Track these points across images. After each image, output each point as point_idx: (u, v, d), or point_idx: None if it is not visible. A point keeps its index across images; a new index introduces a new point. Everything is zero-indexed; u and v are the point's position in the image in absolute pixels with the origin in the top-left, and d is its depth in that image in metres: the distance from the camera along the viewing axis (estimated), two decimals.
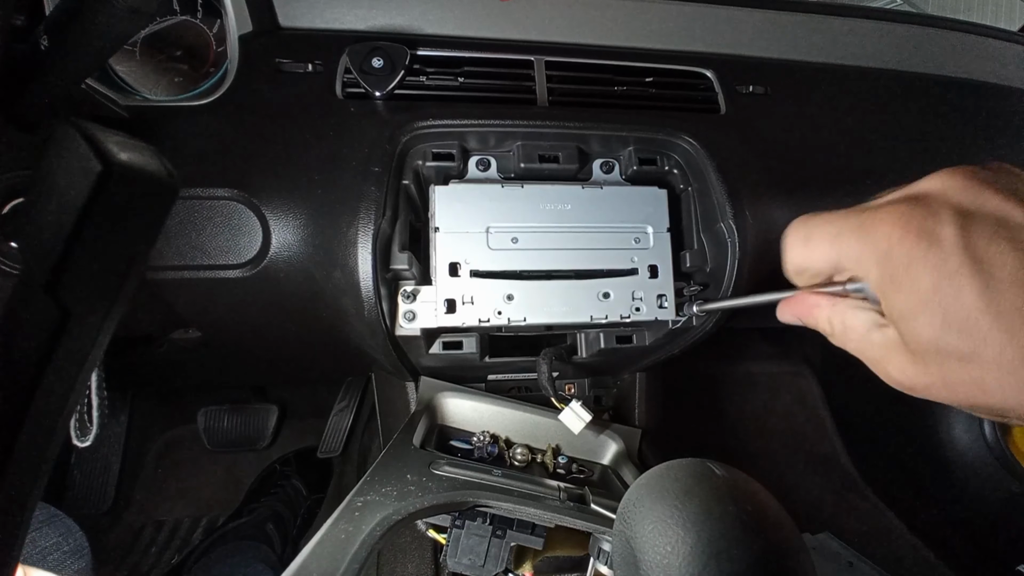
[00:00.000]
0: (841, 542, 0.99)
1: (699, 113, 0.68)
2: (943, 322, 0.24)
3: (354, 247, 0.53)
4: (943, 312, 0.23)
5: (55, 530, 0.57)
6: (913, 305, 0.24)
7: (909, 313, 0.25)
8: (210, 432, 1.14)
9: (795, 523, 0.35)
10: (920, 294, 0.24)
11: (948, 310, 0.23)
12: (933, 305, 0.24)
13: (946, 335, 0.24)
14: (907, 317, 0.25)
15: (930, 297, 0.24)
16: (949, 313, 0.23)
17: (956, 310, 0.23)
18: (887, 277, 0.25)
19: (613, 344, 0.62)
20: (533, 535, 0.50)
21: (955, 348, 0.23)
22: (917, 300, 0.24)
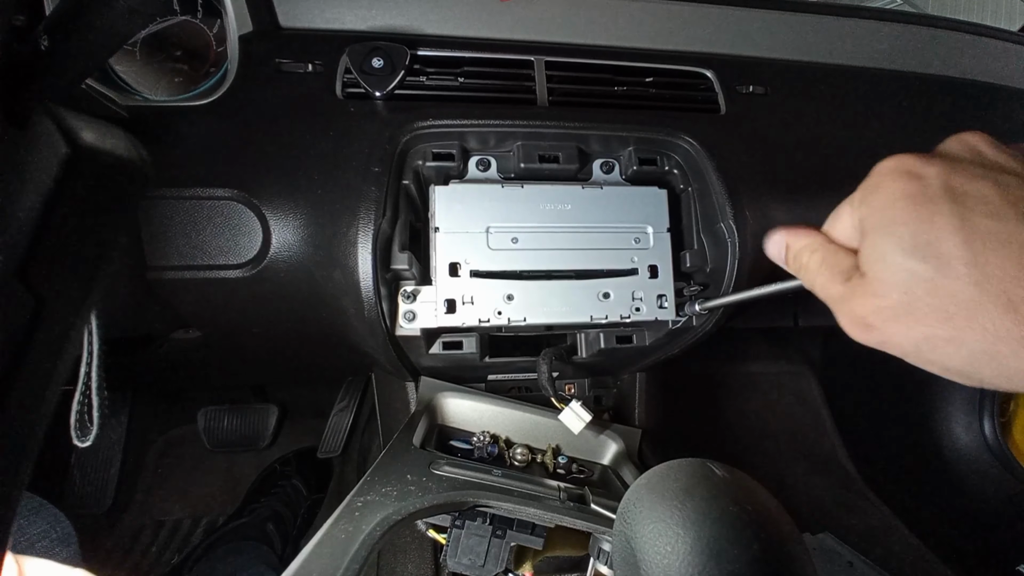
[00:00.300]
0: (841, 542, 0.99)
1: (699, 113, 0.68)
2: (912, 243, 0.24)
3: (354, 247, 0.53)
4: (913, 232, 0.24)
5: (42, 519, 0.57)
6: (886, 227, 0.25)
7: (880, 236, 0.25)
8: (210, 432, 1.14)
9: (795, 523, 0.35)
10: (894, 217, 0.25)
11: (918, 231, 0.24)
12: (904, 226, 0.24)
13: (912, 255, 0.24)
14: (878, 241, 0.26)
15: (903, 219, 0.25)
16: (919, 234, 0.24)
17: (926, 231, 0.24)
18: (871, 209, 0.26)
19: (613, 344, 0.62)
20: (533, 535, 0.50)
21: (920, 270, 0.24)
22: (890, 222, 0.25)
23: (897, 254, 0.24)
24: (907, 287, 0.24)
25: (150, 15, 0.27)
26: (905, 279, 0.24)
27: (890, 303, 0.25)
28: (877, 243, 0.26)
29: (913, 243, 0.24)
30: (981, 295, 0.22)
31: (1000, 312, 0.22)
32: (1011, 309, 0.22)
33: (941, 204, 0.24)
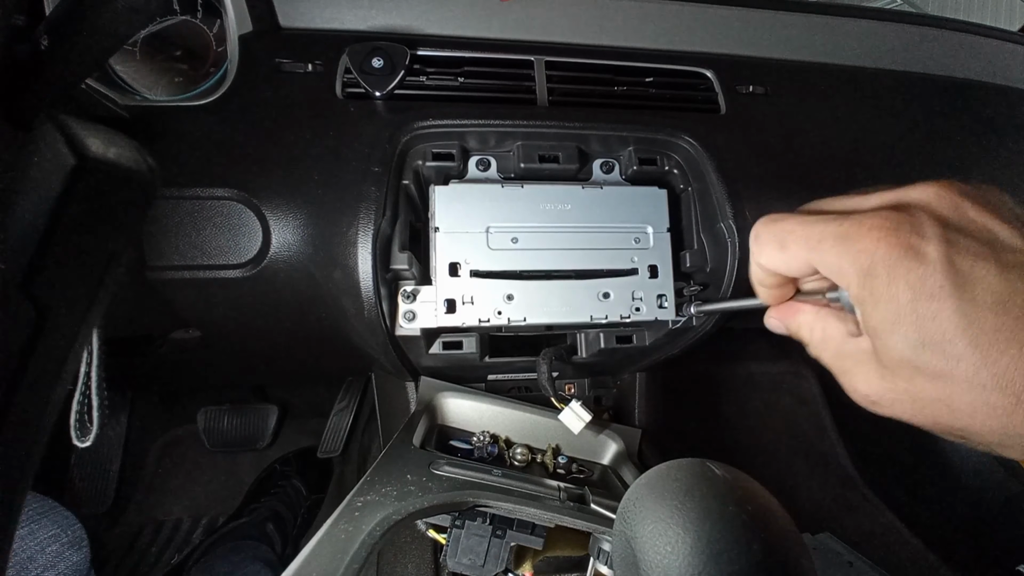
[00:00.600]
0: (841, 542, 0.99)
1: (699, 113, 0.68)
2: (919, 339, 0.23)
3: (354, 247, 0.53)
4: (920, 329, 0.23)
5: (53, 522, 0.57)
6: (890, 319, 0.24)
7: (885, 327, 0.24)
8: (210, 432, 1.14)
9: (795, 523, 0.35)
10: (898, 309, 0.24)
11: (925, 327, 0.23)
12: (910, 321, 0.23)
13: (921, 352, 0.23)
14: (883, 331, 0.25)
15: (908, 313, 0.23)
16: (926, 330, 0.23)
17: (933, 328, 0.23)
18: (867, 290, 0.25)
19: (613, 344, 0.62)
20: (533, 535, 0.50)
21: (928, 365, 0.23)
22: (895, 315, 0.24)
23: (904, 348, 0.24)
24: (913, 378, 0.24)
25: (150, 15, 0.27)
26: (911, 373, 0.24)
27: (895, 387, 0.25)
28: (881, 333, 0.25)
29: (920, 341, 0.23)
30: (988, 396, 0.22)
31: (1009, 408, 0.22)
32: (1018, 407, 0.22)
33: (946, 301, 0.23)
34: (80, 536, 0.58)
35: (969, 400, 0.23)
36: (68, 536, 0.57)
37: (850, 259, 0.25)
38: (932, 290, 0.23)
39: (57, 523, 0.57)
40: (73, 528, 0.58)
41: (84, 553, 0.58)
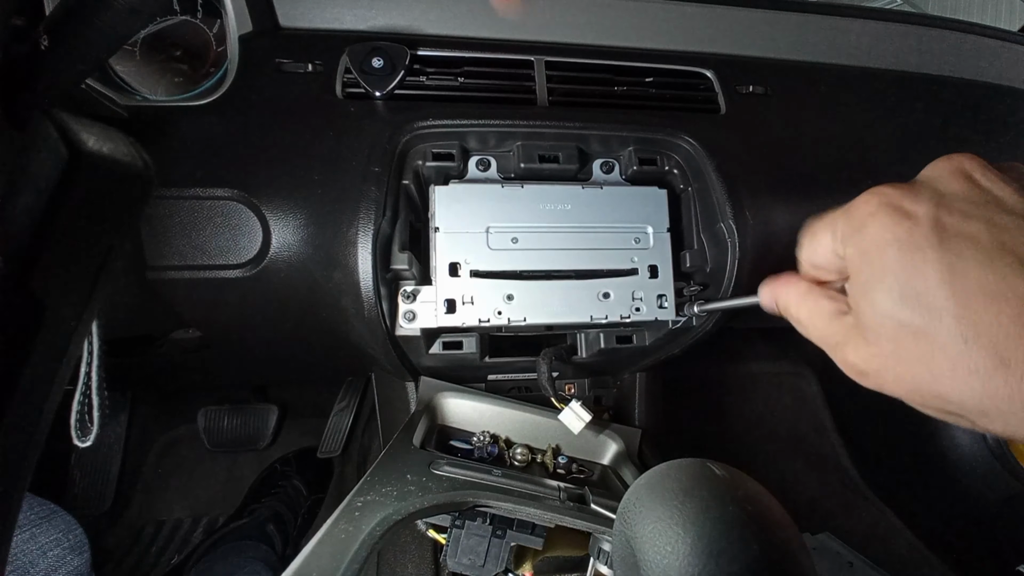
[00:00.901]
0: (841, 542, 0.99)
1: (699, 113, 0.68)
2: (900, 294, 0.23)
3: (354, 247, 0.53)
4: (902, 283, 0.23)
5: (55, 526, 0.57)
6: (875, 277, 0.24)
7: (870, 284, 0.25)
8: (210, 432, 1.14)
9: (795, 523, 0.35)
10: (884, 263, 0.24)
11: (907, 281, 0.23)
12: (894, 274, 0.23)
13: (903, 306, 0.23)
14: (867, 288, 0.25)
15: (893, 268, 0.23)
16: (908, 284, 0.23)
17: (915, 282, 0.23)
18: (858, 251, 0.25)
19: (613, 344, 0.62)
20: (533, 535, 0.50)
21: (908, 321, 0.23)
22: (880, 271, 0.24)
23: (886, 304, 0.24)
24: (896, 337, 0.24)
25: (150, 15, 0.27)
26: (894, 329, 0.24)
27: (880, 352, 0.25)
28: (866, 291, 0.25)
29: (902, 293, 0.23)
30: (970, 351, 0.22)
31: (990, 369, 0.21)
32: (1001, 366, 0.21)
33: (930, 251, 0.23)
34: (81, 541, 0.58)
35: (950, 358, 0.22)
36: (69, 541, 0.57)
37: (849, 225, 0.26)
38: (917, 243, 0.23)
39: (59, 528, 0.58)
40: (74, 532, 0.58)
41: (85, 557, 0.58)
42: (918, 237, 0.23)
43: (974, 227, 0.22)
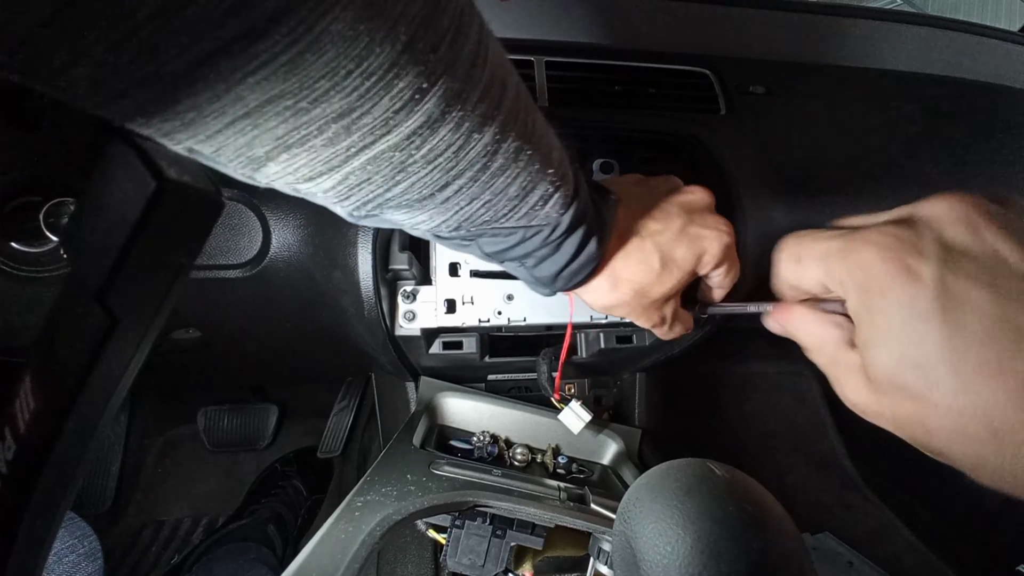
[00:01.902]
0: (841, 542, 0.99)
1: (699, 113, 0.68)
2: (902, 358, 0.24)
3: (354, 247, 0.53)
4: (904, 349, 0.23)
5: (70, 533, 0.58)
6: (879, 335, 0.24)
7: (873, 342, 0.25)
8: (210, 432, 1.14)
9: (795, 523, 0.35)
10: (887, 326, 0.24)
11: (910, 348, 0.23)
12: (896, 340, 0.24)
13: (903, 371, 0.24)
14: (871, 345, 0.25)
15: (896, 331, 0.24)
16: (910, 351, 0.23)
17: (917, 351, 0.23)
18: (861, 304, 0.25)
19: (613, 344, 0.62)
20: (533, 535, 0.50)
21: (909, 385, 0.23)
22: (883, 331, 0.24)
23: (888, 365, 0.24)
24: (894, 397, 0.24)
25: None
26: (893, 390, 0.24)
27: (879, 400, 0.25)
28: (868, 346, 0.25)
29: (903, 359, 0.24)
30: (966, 424, 0.22)
31: (983, 440, 0.22)
32: (994, 438, 0.22)
33: (933, 322, 0.23)
34: (95, 547, 0.59)
35: (945, 425, 0.23)
36: (84, 547, 0.58)
37: (848, 272, 0.26)
38: (921, 311, 0.23)
39: (74, 534, 0.58)
40: (89, 539, 0.59)
41: (98, 564, 0.58)
42: (922, 304, 0.23)
43: (978, 295, 0.22)
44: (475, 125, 0.24)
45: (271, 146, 0.21)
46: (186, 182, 0.21)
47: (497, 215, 0.30)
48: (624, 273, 0.39)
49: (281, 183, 0.24)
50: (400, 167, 0.24)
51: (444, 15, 0.21)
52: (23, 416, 0.23)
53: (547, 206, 0.31)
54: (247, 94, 0.19)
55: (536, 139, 0.28)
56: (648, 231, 0.40)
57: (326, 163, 0.23)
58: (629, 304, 0.41)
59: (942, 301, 0.23)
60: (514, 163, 0.28)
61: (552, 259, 0.35)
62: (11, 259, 0.50)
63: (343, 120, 0.21)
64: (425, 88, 0.22)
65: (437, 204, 0.27)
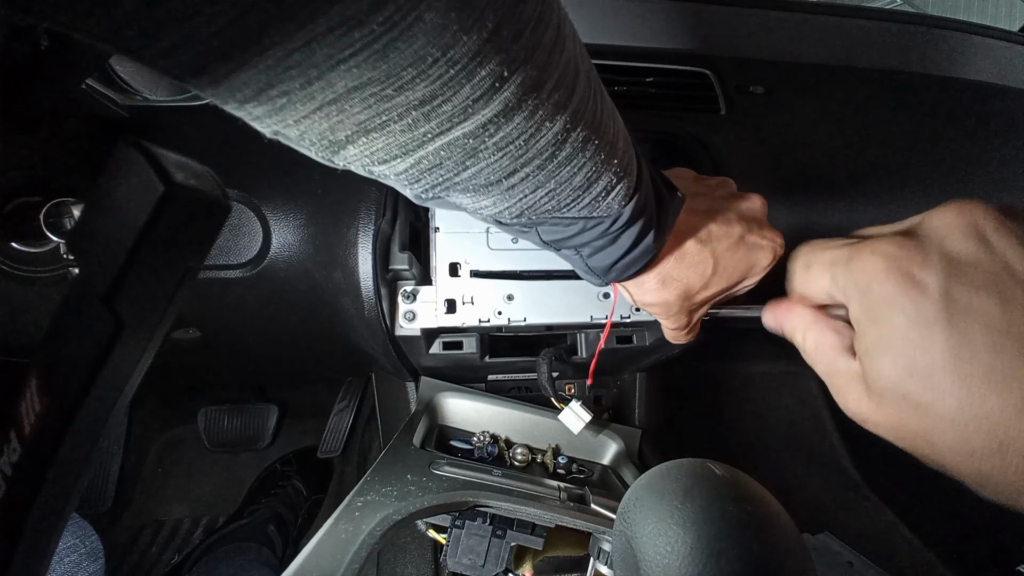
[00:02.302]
0: (841, 542, 0.99)
1: (699, 113, 0.68)
2: (906, 368, 0.23)
3: (354, 247, 0.53)
4: (908, 358, 0.23)
5: (72, 533, 0.58)
6: (881, 344, 0.24)
7: (876, 351, 0.24)
8: (210, 432, 1.14)
9: (795, 523, 0.35)
10: (891, 335, 0.24)
11: (914, 357, 0.23)
12: (901, 348, 0.23)
13: (907, 381, 0.23)
14: (873, 354, 0.25)
15: (900, 340, 0.23)
16: (914, 361, 0.23)
17: (921, 360, 0.23)
18: (864, 312, 0.25)
19: (613, 344, 0.62)
20: (533, 535, 0.50)
21: (912, 395, 0.23)
22: (886, 340, 0.24)
23: (891, 374, 0.24)
24: (897, 408, 0.24)
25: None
26: (896, 401, 0.24)
27: (881, 410, 0.25)
28: (871, 355, 0.25)
29: (907, 368, 0.23)
30: (970, 436, 0.22)
31: (988, 453, 0.22)
32: (999, 451, 0.21)
33: (938, 330, 0.22)
34: (97, 547, 0.59)
35: (949, 437, 0.23)
36: (86, 547, 0.58)
37: (853, 280, 0.25)
38: (926, 320, 0.23)
39: (76, 534, 0.58)
40: (91, 539, 0.59)
41: (100, 564, 0.58)
42: (927, 312, 0.22)
43: (985, 305, 0.22)
44: (547, 114, 0.24)
45: (352, 130, 0.22)
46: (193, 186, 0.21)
47: (560, 204, 0.30)
48: (676, 273, 0.39)
49: (357, 165, 0.25)
50: (472, 153, 0.24)
51: (529, 2, 0.22)
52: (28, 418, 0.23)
53: (609, 196, 0.31)
54: (337, 81, 0.19)
55: (604, 129, 0.28)
56: (708, 236, 0.39)
57: (402, 147, 0.23)
58: (671, 305, 0.41)
59: (948, 311, 0.22)
60: (581, 153, 0.27)
61: (608, 250, 0.35)
62: (11, 259, 0.50)
63: (424, 107, 0.21)
64: (505, 76, 0.22)
65: (503, 190, 0.28)
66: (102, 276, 0.21)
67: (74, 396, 0.22)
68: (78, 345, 0.22)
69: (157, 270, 0.22)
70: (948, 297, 0.22)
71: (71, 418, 0.22)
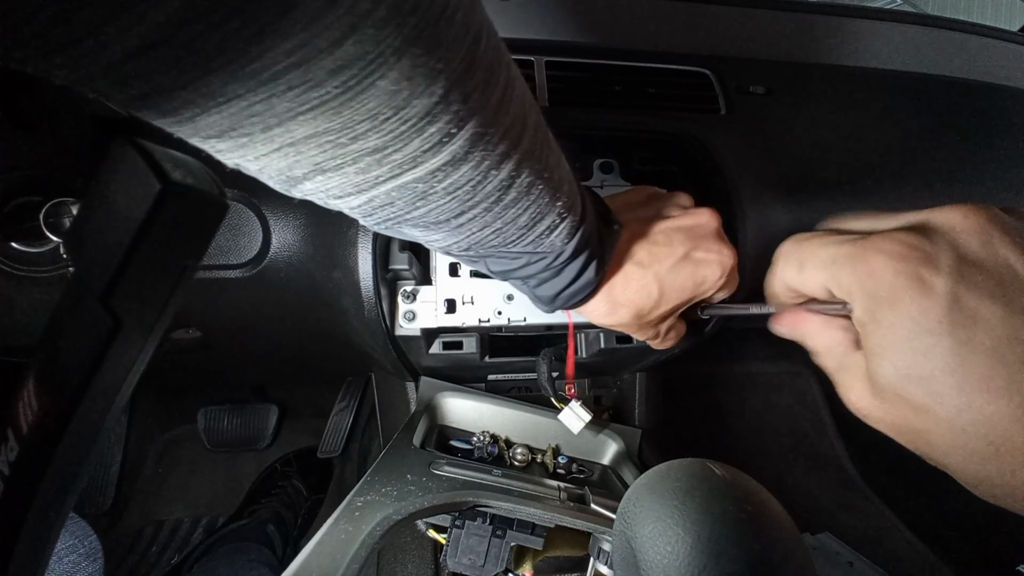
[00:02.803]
0: (841, 542, 0.99)
1: (699, 113, 0.68)
2: (907, 370, 0.23)
3: (354, 247, 0.53)
4: (910, 361, 0.23)
5: (70, 533, 0.58)
6: (885, 345, 0.24)
7: (880, 351, 0.25)
8: (210, 432, 1.14)
9: (795, 523, 0.35)
10: (895, 337, 0.24)
11: (916, 361, 0.23)
12: (903, 351, 0.23)
13: (907, 383, 0.23)
14: (877, 354, 0.25)
15: (903, 343, 0.23)
16: (916, 364, 0.23)
17: (923, 363, 0.23)
18: (869, 313, 0.25)
19: (613, 344, 0.62)
20: (533, 535, 0.50)
21: (913, 397, 0.23)
22: (891, 342, 0.24)
23: (893, 376, 0.24)
24: (897, 407, 0.24)
25: None
26: (897, 400, 0.24)
27: (882, 408, 0.26)
28: (874, 356, 0.25)
29: (909, 372, 0.23)
30: (967, 441, 0.22)
31: (984, 457, 0.22)
32: (995, 456, 0.22)
33: (943, 337, 0.22)
34: (96, 547, 0.59)
35: (947, 439, 0.23)
36: (85, 547, 0.58)
37: (858, 281, 0.25)
38: (931, 325, 0.23)
39: (74, 534, 0.58)
40: (89, 539, 0.59)
41: (99, 564, 0.58)
42: (933, 319, 0.23)
43: (990, 311, 0.22)
44: (494, 163, 0.26)
45: (309, 169, 0.23)
46: (190, 184, 0.21)
47: (506, 241, 0.32)
48: (623, 298, 0.41)
49: (314, 197, 0.26)
50: (422, 195, 0.26)
51: (479, 68, 0.23)
52: (26, 417, 0.23)
53: (553, 235, 0.33)
54: (296, 128, 0.21)
55: (549, 173, 0.30)
56: (650, 259, 0.41)
57: (356, 187, 0.25)
58: (626, 324, 0.43)
59: (953, 315, 0.22)
60: (526, 196, 0.29)
61: (552, 282, 0.37)
62: (11, 259, 0.50)
63: (376, 155, 0.23)
64: (454, 132, 0.23)
65: (452, 228, 0.30)
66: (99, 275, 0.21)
67: (72, 395, 0.22)
68: (75, 344, 0.22)
69: (154, 269, 0.22)
70: (955, 302, 0.22)
71: (69, 417, 0.22)
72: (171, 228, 0.21)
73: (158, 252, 0.21)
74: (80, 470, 0.23)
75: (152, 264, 0.21)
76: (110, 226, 0.21)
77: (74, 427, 0.22)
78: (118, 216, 0.21)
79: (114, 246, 0.20)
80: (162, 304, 0.23)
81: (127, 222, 0.20)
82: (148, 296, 0.22)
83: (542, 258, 0.35)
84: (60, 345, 0.23)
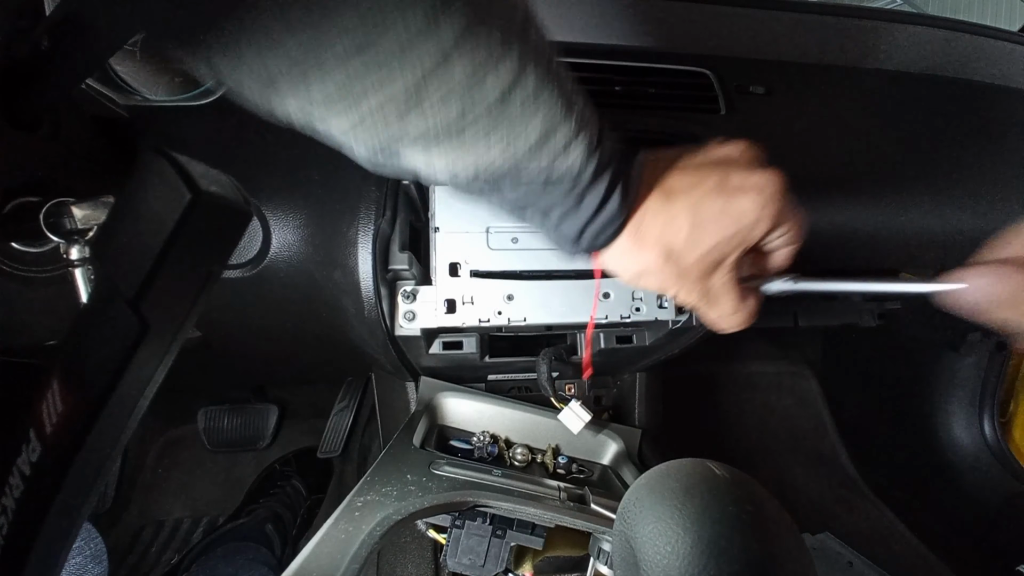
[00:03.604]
0: (841, 542, 0.99)
1: (699, 113, 0.68)
2: None
3: (354, 247, 0.53)
4: None
5: None
6: None
7: None
8: (210, 432, 1.14)
9: (795, 523, 0.35)
10: None
11: None
12: None
13: None
14: None
15: None
16: None
17: None
18: None
19: (613, 344, 0.62)
20: (533, 535, 0.50)
21: None
22: None
23: None
24: None
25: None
26: None
27: None
28: None
29: None
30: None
31: None
32: None
33: None
34: (101, 549, 0.59)
35: None
36: (91, 549, 0.58)
37: None
38: None
39: (81, 536, 0.58)
40: (95, 541, 0.59)
41: (104, 566, 0.59)
42: None
43: None
44: (492, 58, 0.24)
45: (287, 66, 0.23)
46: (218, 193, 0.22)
47: (517, 162, 0.29)
48: (649, 236, 0.36)
49: (298, 116, 0.26)
50: (416, 103, 0.25)
51: None
52: (50, 418, 0.23)
53: (569, 154, 0.30)
54: None
55: (560, 81, 0.28)
56: (678, 187, 0.36)
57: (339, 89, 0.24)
58: (661, 271, 0.36)
59: None
60: (533, 103, 0.27)
61: (575, 215, 0.34)
62: (11, 259, 0.50)
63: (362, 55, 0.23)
64: (439, 18, 0.22)
65: (453, 146, 0.27)
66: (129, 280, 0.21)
67: (99, 396, 0.22)
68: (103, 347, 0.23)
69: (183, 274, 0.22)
70: None
71: (94, 419, 0.22)
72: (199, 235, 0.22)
73: (186, 258, 0.22)
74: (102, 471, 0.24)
75: (180, 270, 0.22)
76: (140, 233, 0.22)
77: (99, 428, 0.22)
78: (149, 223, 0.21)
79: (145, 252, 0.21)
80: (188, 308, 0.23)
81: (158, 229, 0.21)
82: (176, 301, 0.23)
83: (559, 183, 0.32)
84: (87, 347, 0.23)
